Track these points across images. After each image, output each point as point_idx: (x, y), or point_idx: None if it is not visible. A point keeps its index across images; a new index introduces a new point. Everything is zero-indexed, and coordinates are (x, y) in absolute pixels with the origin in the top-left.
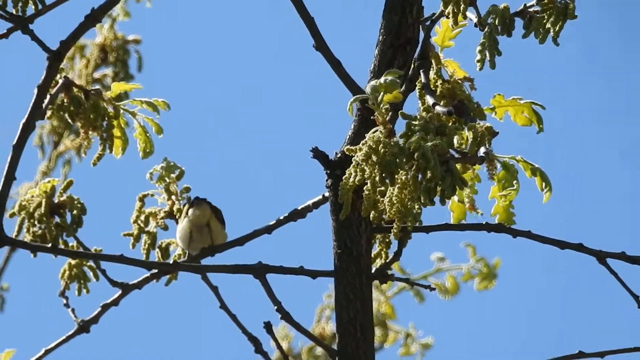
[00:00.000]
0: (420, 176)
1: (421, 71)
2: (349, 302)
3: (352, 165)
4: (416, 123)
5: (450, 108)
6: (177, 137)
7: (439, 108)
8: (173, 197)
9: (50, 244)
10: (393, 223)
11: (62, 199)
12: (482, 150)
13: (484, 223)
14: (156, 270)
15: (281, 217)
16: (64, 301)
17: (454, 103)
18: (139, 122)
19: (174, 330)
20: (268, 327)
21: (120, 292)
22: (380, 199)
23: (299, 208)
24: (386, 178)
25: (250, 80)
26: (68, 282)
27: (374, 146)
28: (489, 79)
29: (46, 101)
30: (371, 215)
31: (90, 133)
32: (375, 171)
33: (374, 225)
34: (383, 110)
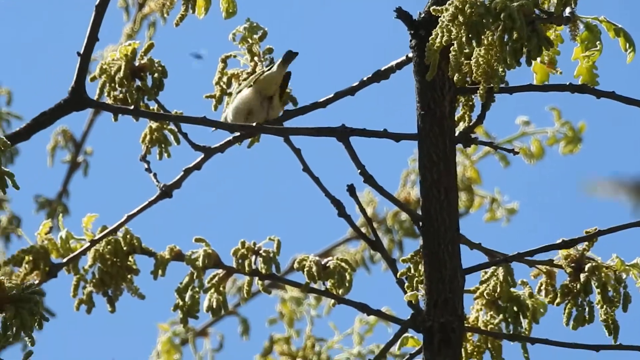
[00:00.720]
0: (506, 37)
1: None
2: (433, 164)
3: (439, 25)
4: None
5: None
6: None
7: None
8: (256, 59)
9: (131, 107)
10: (477, 84)
11: (143, 62)
12: (568, 10)
13: (568, 84)
14: (238, 132)
15: (364, 79)
16: (146, 165)
17: None
18: None
19: (256, 193)
20: (351, 190)
21: (202, 156)
22: (464, 61)
23: (382, 69)
24: (472, 39)
25: None
26: (149, 146)
27: (460, 6)
28: None
29: None
30: (455, 77)
31: None
32: (461, 32)
33: (458, 86)
34: None
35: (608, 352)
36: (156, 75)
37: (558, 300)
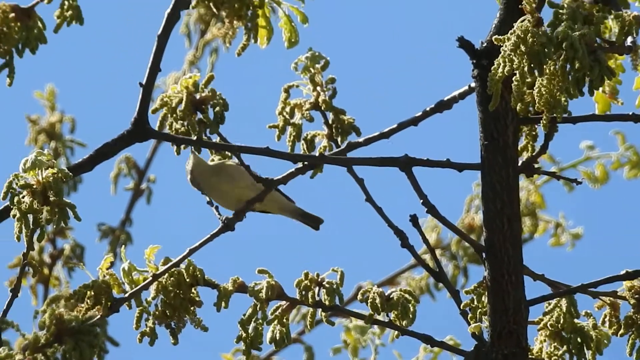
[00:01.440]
0: (568, 66)
1: None
2: (496, 194)
3: (501, 55)
4: (563, 12)
5: None
6: (323, 27)
7: None
8: (318, 88)
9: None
10: (540, 114)
11: (204, 95)
12: (629, 39)
13: (631, 114)
14: (301, 163)
15: (427, 109)
16: (207, 199)
17: None
18: (284, 11)
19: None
20: (414, 221)
21: (265, 188)
22: (526, 90)
23: (445, 99)
24: (535, 68)
25: None
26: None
27: (522, 35)
28: None
29: None
30: (518, 106)
31: (234, 22)
32: (523, 61)
33: (521, 116)
34: None
35: None
36: (218, 108)
37: (622, 331)
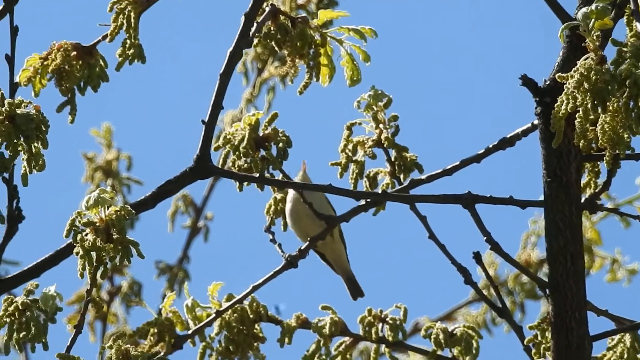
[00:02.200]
0: (631, 103)
1: None
2: (559, 231)
3: (564, 92)
4: (627, 50)
5: None
6: (385, 64)
7: None
8: (381, 126)
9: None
10: (603, 151)
11: (267, 132)
12: None
13: None
14: (364, 200)
15: (490, 146)
16: (270, 236)
17: None
18: (346, 50)
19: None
20: (477, 258)
21: (327, 226)
22: (589, 127)
23: (508, 136)
24: (598, 105)
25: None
26: (274, 217)
27: (586, 73)
28: None
29: (253, 29)
30: (581, 143)
31: (296, 61)
32: (587, 98)
33: (584, 153)
34: (594, 37)
35: None
36: (280, 145)
37: None
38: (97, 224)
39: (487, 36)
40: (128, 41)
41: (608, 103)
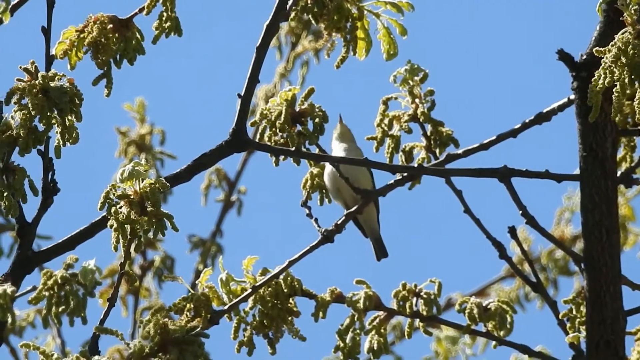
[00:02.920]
0: None
1: None
2: (595, 206)
3: (602, 67)
4: None
5: None
6: (421, 39)
7: None
8: (417, 100)
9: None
10: (639, 126)
11: (304, 107)
12: None
13: None
14: (400, 175)
15: (526, 121)
16: (307, 211)
17: None
18: (383, 24)
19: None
20: (512, 232)
21: (363, 200)
22: (625, 102)
23: (544, 111)
24: (635, 80)
25: None
26: (310, 192)
27: (623, 47)
28: None
29: (290, 2)
30: (617, 118)
31: (333, 35)
32: (624, 73)
33: (620, 128)
34: (632, 11)
35: None
36: (317, 120)
37: None
38: (132, 197)
39: (524, 10)
40: (165, 14)
41: None
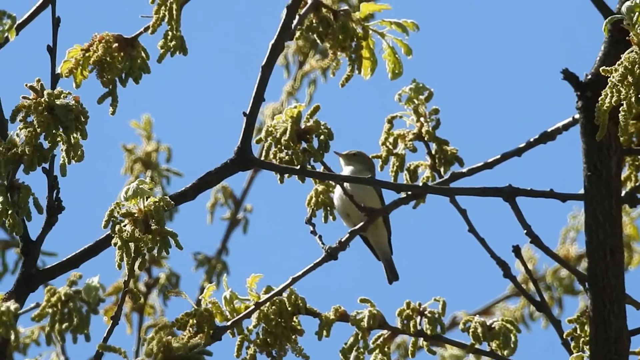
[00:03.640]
0: None
1: None
2: (599, 225)
3: (608, 86)
4: None
5: None
6: (426, 58)
7: None
8: (422, 119)
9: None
10: None
11: (309, 124)
12: None
13: None
14: (404, 193)
15: (531, 139)
16: (311, 228)
17: None
18: (388, 43)
19: (422, 254)
20: (517, 251)
21: (367, 218)
22: (631, 122)
23: (549, 130)
24: None
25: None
26: (315, 209)
27: (630, 67)
28: None
29: (295, 22)
30: (622, 137)
31: (338, 54)
32: (630, 92)
33: (624, 147)
34: (638, 31)
35: None
36: (322, 137)
37: None
38: (136, 215)
39: (529, 30)
40: (170, 33)
41: None
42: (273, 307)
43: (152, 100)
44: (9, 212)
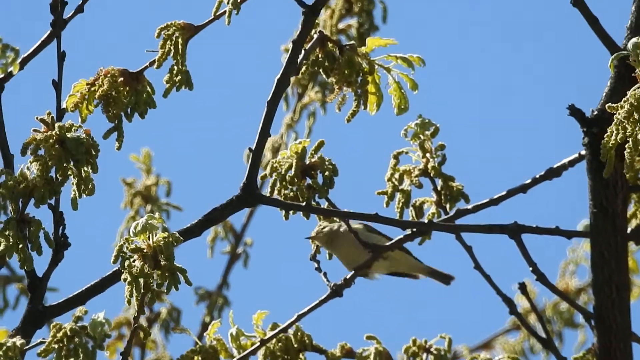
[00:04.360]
0: None
1: None
2: (604, 262)
3: (614, 123)
4: None
5: None
6: (431, 93)
7: None
8: (428, 155)
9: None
10: None
11: (314, 160)
12: None
13: None
14: (410, 230)
15: (537, 176)
16: (315, 265)
17: None
18: (394, 78)
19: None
20: (523, 289)
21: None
22: (637, 159)
23: (555, 166)
24: None
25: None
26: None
27: (636, 104)
28: None
29: (300, 56)
30: (628, 174)
31: (344, 89)
32: (637, 129)
33: (630, 184)
34: None
35: None
36: (327, 173)
37: None
38: (145, 250)
39: (534, 66)
40: (175, 67)
41: None
42: (279, 344)
43: (151, 133)
44: (20, 247)
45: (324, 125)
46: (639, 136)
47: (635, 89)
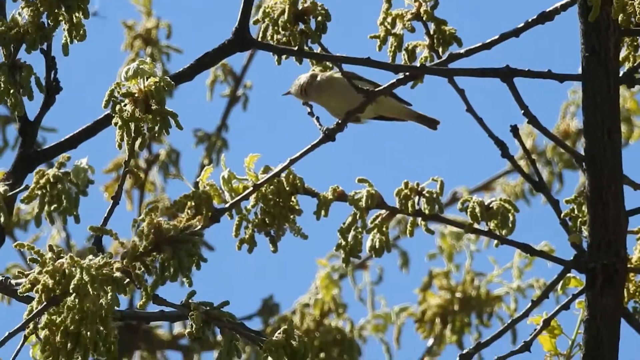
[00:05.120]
0: None
1: None
2: (596, 106)
3: None
4: None
5: None
6: None
7: None
8: None
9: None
10: None
11: (306, 5)
12: None
13: None
14: (402, 74)
15: (529, 20)
16: (308, 109)
17: None
18: None
19: (419, 133)
20: (515, 131)
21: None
22: (628, 1)
23: (547, 10)
24: None
25: None
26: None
27: None
28: None
29: None
30: (620, 17)
31: None
32: None
33: (622, 28)
34: None
35: None
36: (319, 18)
37: None
38: (136, 95)
39: None
40: None
41: None
42: (271, 187)
43: None
44: (11, 92)
45: None
46: None
47: None
